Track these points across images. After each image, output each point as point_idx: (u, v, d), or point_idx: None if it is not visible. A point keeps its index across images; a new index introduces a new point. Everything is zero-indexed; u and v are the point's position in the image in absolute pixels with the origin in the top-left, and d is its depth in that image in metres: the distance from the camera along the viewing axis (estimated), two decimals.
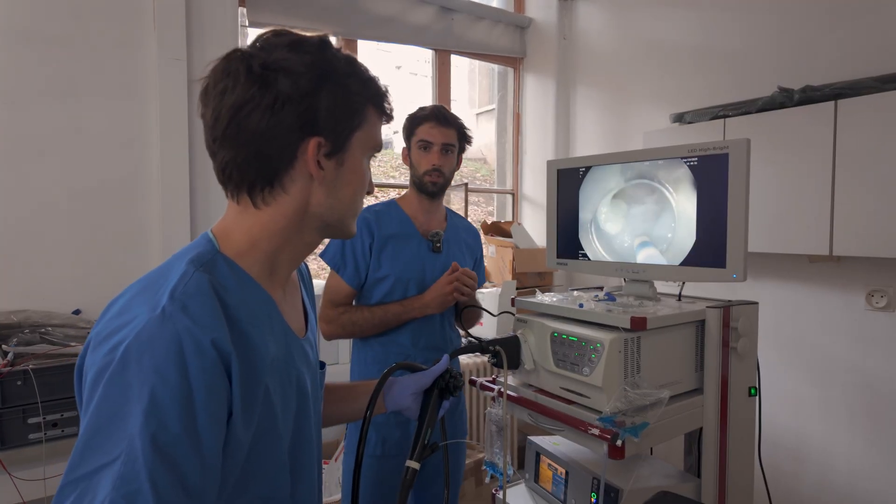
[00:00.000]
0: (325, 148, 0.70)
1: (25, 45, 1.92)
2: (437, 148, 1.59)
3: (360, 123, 0.73)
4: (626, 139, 3.02)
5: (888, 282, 2.01)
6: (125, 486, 0.52)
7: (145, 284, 0.64)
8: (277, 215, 0.71)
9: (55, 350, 1.74)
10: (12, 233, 1.90)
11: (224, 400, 0.60)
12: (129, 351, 0.56)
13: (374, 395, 0.90)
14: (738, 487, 1.23)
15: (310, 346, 0.83)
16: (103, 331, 0.60)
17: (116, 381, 0.55)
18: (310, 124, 0.68)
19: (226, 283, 0.66)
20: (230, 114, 0.66)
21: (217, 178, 0.71)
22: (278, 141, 0.67)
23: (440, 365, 0.98)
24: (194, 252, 0.67)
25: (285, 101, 0.66)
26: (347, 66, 0.71)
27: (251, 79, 0.66)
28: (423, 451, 0.91)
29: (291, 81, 0.66)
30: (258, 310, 0.69)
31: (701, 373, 1.22)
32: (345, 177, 0.73)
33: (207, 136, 0.70)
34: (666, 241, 1.26)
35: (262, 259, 0.71)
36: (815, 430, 2.24)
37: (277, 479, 0.72)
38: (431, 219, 1.67)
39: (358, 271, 1.57)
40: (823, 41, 2.18)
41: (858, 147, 1.85)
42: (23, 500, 1.64)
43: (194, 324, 0.58)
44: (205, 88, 0.69)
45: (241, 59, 0.67)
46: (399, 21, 2.97)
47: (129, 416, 0.54)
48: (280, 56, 0.67)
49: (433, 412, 0.95)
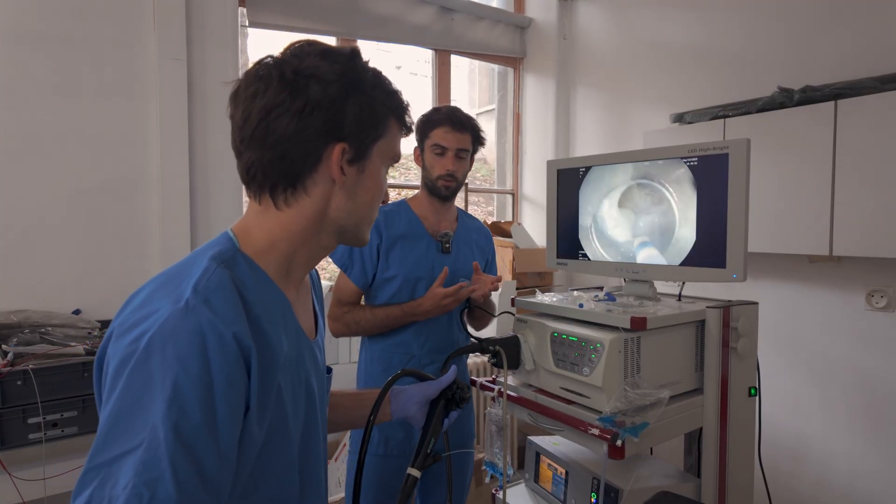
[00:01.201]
0: (348, 154, 0.72)
1: (26, 44, 1.91)
2: (451, 153, 1.58)
3: (382, 133, 0.75)
4: (627, 139, 3.02)
5: (888, 282, 2.01)
6: (147, 473, 0.53)
7: (167, 278, 0.65)
8: (298, 217, 0.72)
9: (55, 350, 1.74)
10: (12, 233, 1.90)
11: (242, 394, 0.62)
12: (152, 341, 0.57)
13: (377, 401, 0.91)
14: (738, 487, 1.23)
15: (319, 349, 0.84)
16: (126, 322, 0.61)
17: (140, 371, 0.57)
18: (336, 130, 0.70)
19: (245, 280, 0.67)
20: (260, 116, 0.68)
21: (241, 178, 0.74)
22: (304, 145, 0.69)
23: (448, 376, 0.98)
24: (216, 249, 0.69)
25: (315, 107, 0.68)
26: (374, 77, 0.74)
27: (283, 84, 0.68)
28: (426, 460, 0.91)
29: (321, 88, 0.68)
30: (274, 308, 0.70)
31: (701, 373, 1.22)
32: (365, 183, 0.76)
33: (235, 137, 0.72)
34: (666, 241, 1.26)
35: (279, 259, 0.73)
36: (815, 430, 2.24)
37: (287, 479, 0.72)
38: (442, 220, 1.67)
39: (364, 271, 1.57)
40: (823, 41, 2.18)
41: (858, 147, 1.85)
42: (23, 500, 1.64)
43: (217, 317, 0.60)
44: (235, 90, 0.71)
45: (273, 65, 0.69)
46: (399, 21, 2.97)
47: (152, 405, 0.55)
48: (312, 63, 0.69)
49: (438, 423, 0.95)
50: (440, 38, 3.15)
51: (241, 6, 2.45)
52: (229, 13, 2.28)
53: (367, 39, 2.92)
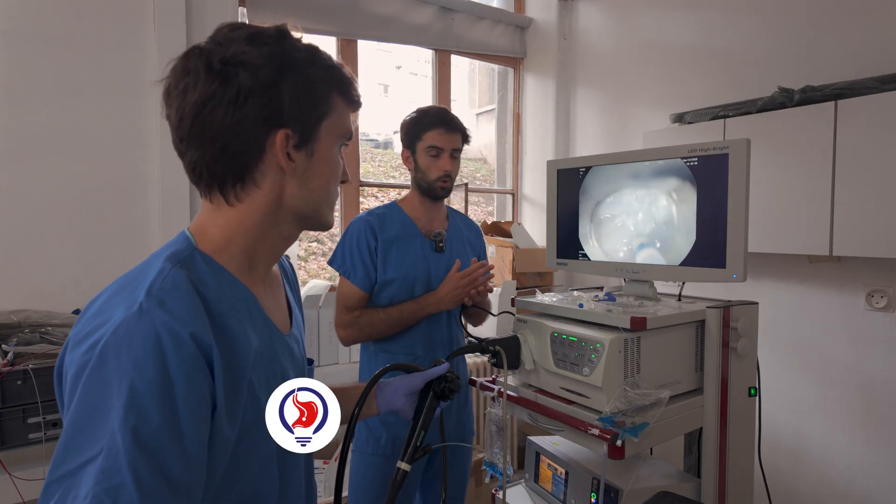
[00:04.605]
0: (293, 139, 0.69)
1: (26, 44, 1.91)
2: (446, 154, 1.61)
3: (326, 112, 0.72)
4: (627, 139, 3.02)
5: (888, 282, 2.01)
6: (107, 481, 0.52)
7: (122, 284, 0.64)
8: (251, 210, 0.70)
9: (55, 350, 1.74)
10: (12, 233, 1.90)
11: (206, 393, 0.60)
12: (107, 347, 0.56)
13: (363, 394, 0.90)
14: (738, 487, 1.23)
15: (295, 341, 0.83)
16: (81, 331, 0.60)
17: (96, 378, 0.56)
18: (275, 116, 0.67)
19: (204, 278, 0.66)
20: (194, 112, 0.65)
21: (189, 178, 0.71)
22: (244, 136, 0.67)
23: (436, 369, 0.97)
24: (171, 249, 0.67)
25: (248, 95, 0.65)
26: (308, 55, 0.70)
27: (211, 75, 0.65)
28: (415, 452, 0.91)
29: (251, 74, 0.66)
30: (238, 304, 0.69)
31: (701, 373, 1.22)
32: (316, 167, 0.73)
33: (174, 137, 0.69)
34: (666, 241, 1.26)
35: (239, 254, 0.71)
36: (815, 430, 2.24)
37: (265, 475, 0.72)
38: (433, 219, 1.68)
39: (368, 274, 1.57)
40: (823, 41, 2.18)
41: (858, 147, 1.85)
42: (23, 500, 1.64)
43: (172, 318, 0.58)
44: (167, 88, 0.68)
45: (199, 56, 0.66)
46: (399, 21, 2.97)
47: (110, 412, 0.54)
48: (238, 50, 0.66)
49: (427, 414, 0.95)
50: (440, 38, 3.15)
51: (241, 6, 2.45)
52: (229, 13, 2.28)
53: (367, 39, 2.92)
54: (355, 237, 1.59)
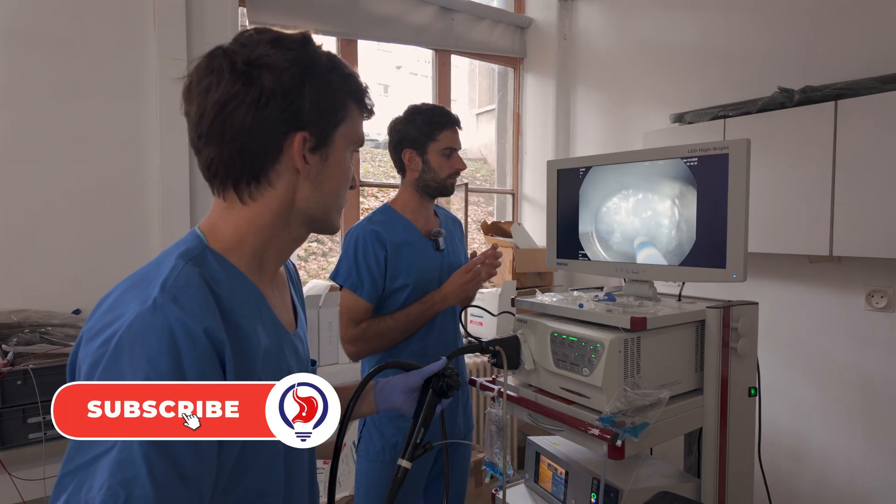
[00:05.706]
0: (309, 142, 0.71)
1: (26, 44, 1.91)
2: (458, 152, 1.63)
3: (342, 118, 0.74)
4: (627, 139, 3.02)
5: (888, 282, 2.01)
6: (121, 473, 0.53)
7: (136, 280, 0.65)
8: (264, 210, 0.72)
9: (55, 350, 1.74)
10: (12, 233, 1.90)
11: None
12: (121, 341, 0.57)
13: (357, 390, 0.91)
14: (738, 487, 1.23)
15: (300, 341, 0.84)
16: (95, 325, 0.61)
17: (110, 372, 0.57)
18: (294, 119, 0.69)
19: (216, 276, 0.66)
20: (215, 110, 0.67)
21: (202, 175, 0.72)
22: (264, 136, 0.68)
23: (434, 365, 0.98)
24: (183, 247, 0.68)
25: (270, 97, 0.67)
26: (329, 62, 0.72)
27: (235, 75, 0.66)
28: (416, 450, 0.92)
29: (275, 77, 0.67)
30: (248, 302, 0.70)
31: (701, 373, 1.23)
32: (329, 171, 0.74)
33: (192, 133, 0.70)
34: (666, 241, 1.26)
35: (249, 253, 0.72)
36: (815, 430, 2.24)
37: (271, 472, 0.72)
38: (428, 219, 1.67)
39: (376, 286, 1.51)
40: (823, 41, 2.18)
41: (858, 147, 1.85)
42: (23, 500, 1.64)
43: (186, 314, 0.59)
44: (188, 86, 0.70)
45: (224, 56, 0.68)
46: (399, 21, 2.97)
47: None
48: (263, 52, 0.67)
49: (427, 412, 0.95)
50: (440, 38, 3.15)
51: (241, 6, 2.45)
52: (229, 13, 2.28)
53: (368, 39, 2.92)
54: (361, 249, 1.51)
